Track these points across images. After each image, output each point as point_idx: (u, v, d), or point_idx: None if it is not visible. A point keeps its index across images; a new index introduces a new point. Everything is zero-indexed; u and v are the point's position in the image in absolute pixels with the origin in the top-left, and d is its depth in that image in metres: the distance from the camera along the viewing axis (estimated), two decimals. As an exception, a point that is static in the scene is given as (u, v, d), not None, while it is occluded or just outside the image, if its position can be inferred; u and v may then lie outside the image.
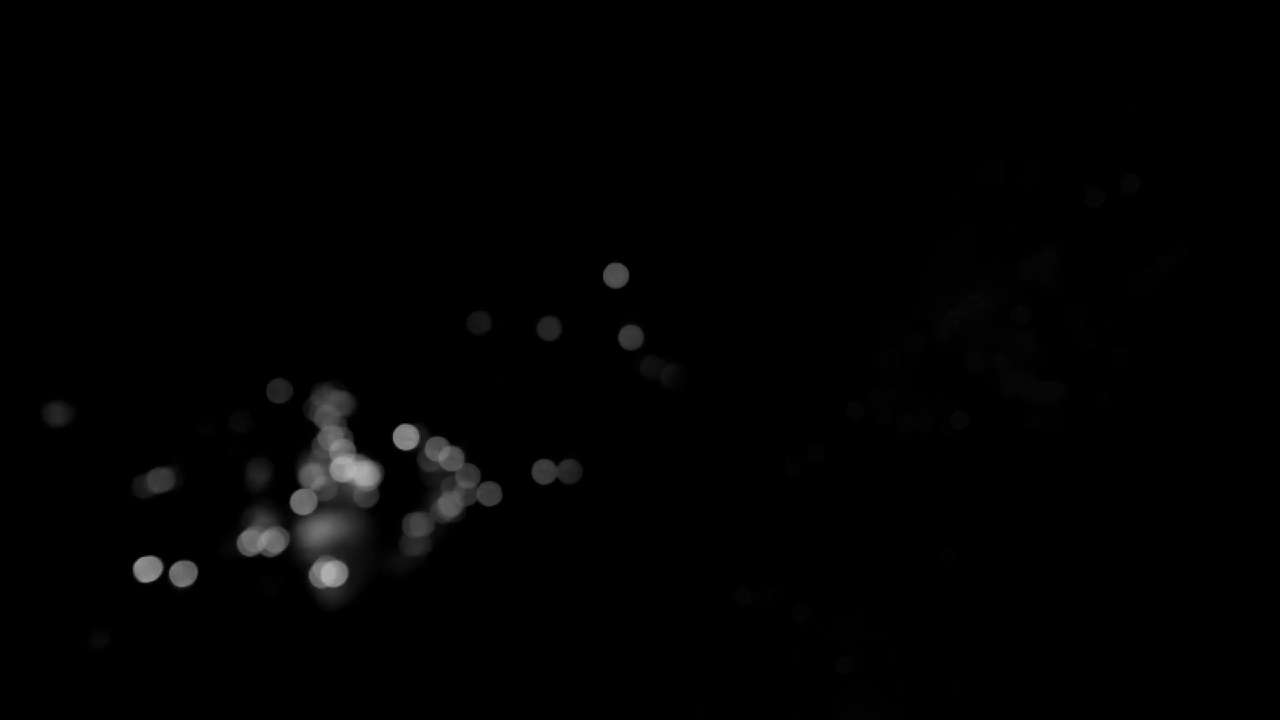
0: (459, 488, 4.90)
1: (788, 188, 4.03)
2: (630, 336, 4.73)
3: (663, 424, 4.61)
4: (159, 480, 4.24)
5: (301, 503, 4.62)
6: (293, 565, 4.52)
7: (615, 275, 4.65)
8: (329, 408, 4.70)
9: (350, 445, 4.74)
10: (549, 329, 4.76)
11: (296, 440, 4.61)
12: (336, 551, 4.56)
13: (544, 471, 4.83)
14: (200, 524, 4.32)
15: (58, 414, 4.06)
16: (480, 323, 4.76)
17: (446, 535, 4.84)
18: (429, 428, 4.85)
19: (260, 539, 4.50)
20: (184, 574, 4.27)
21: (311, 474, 4.66)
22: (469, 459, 4.88)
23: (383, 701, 3.82)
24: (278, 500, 4.55)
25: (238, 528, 4.44)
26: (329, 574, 4.46)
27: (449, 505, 4.88)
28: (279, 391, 4.55)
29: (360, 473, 4.75)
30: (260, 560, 4.49)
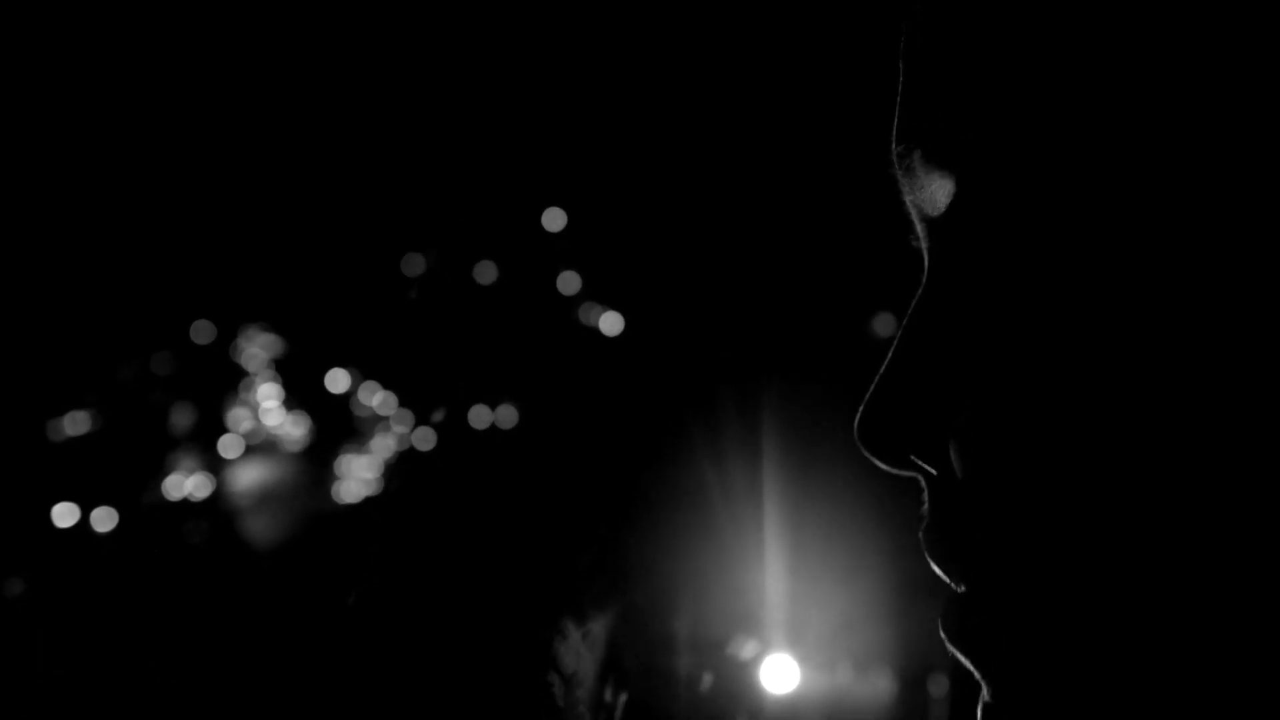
0: (393, 432, 4.83)
1: (732, 136, 3.95)
2: (568, 282, 4.65)
3: (600, 371, 4.55)
4: (75, 424, 4.11)
5: (228, 447, 4.52)
6: (219, 511, 4.43)
7: (553, 219, 4.56)
8: (256, 350, 4.58)
9: (279, 389, 4.63)
10: (485, 273, 4.66)
11: (222, 383, 4.50)
12: (265, 498, 4.48)
13: (480, 417, 4.76)
14: (121, 468, 4.21)
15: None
16: (415, 265, 4.65)
17: (380, 481, 4.77)
18: (361, 372, 4.76)
19: (185, 484, 4.40)
20: (105, 519, 4.16)
21: (239, 418, 4.56)
22: (403, 404, 4.80)
23: (311, 649, 3.77)
24: (203, 445, 4.45)
25: (161, 473, 4.34)
26: (259, 521, 4.38)
27: (382, 450, 4.81)
28: (202, 333, 4.42)
29: (290, 417, 4.66)
30: (185, 505, 4.40)
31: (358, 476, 4.73)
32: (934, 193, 0.40)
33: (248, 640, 3.75)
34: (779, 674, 2.36)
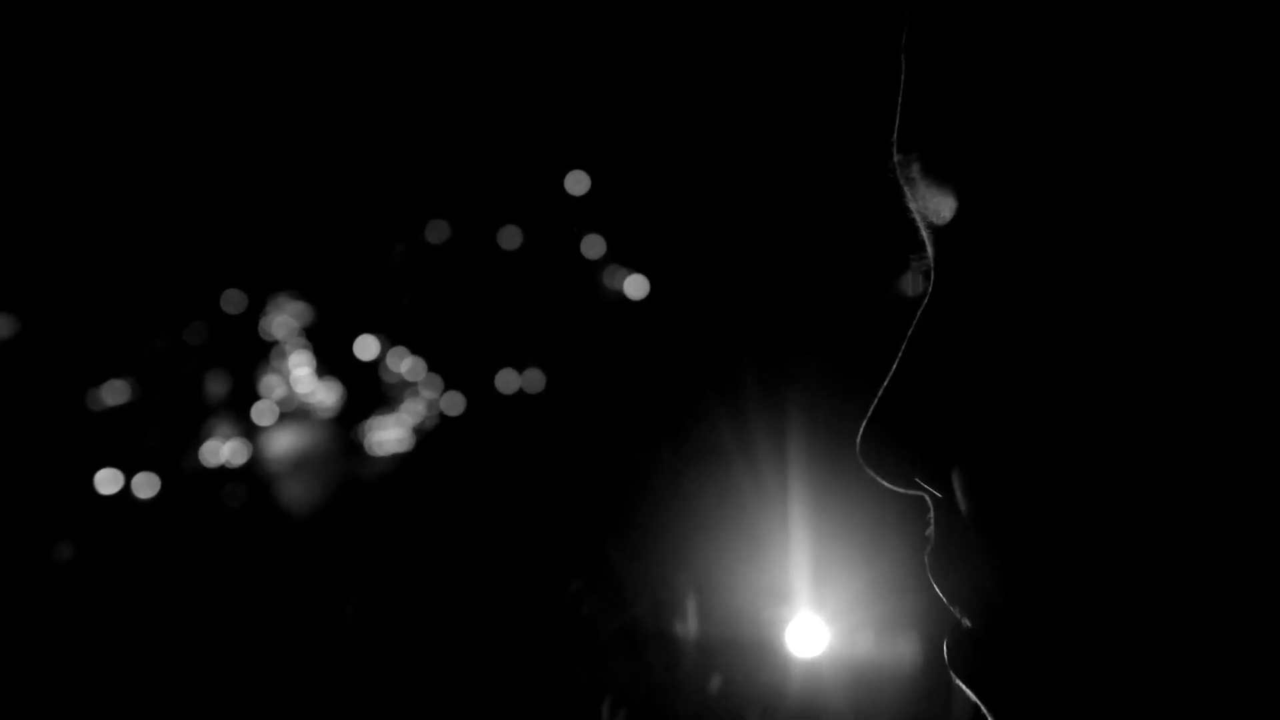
0: (422, 398, 4.89)
1: (762, 98, 3.93)
2: (592, 245, 4.67)
3: (625, 334, 4.58)
4: (113, 393, 4.20)
5: (263, 414, 4.60)
6: (257, 476, 4.52)
7: (577, 183, 4.57)
8: (286, 318, 4.64)
9: (310, 356, 4.70)
10: (510, 238, 4.69)
11: (254, 352, 4.56)
12: (300, 463, 4.57)
13: (507, 381, 4.82)
14: (159, 435, 4.30)
15: (6, 326, 3.99)
16: (439, 231, 4.69)
17: (410, 445, 4.84)
18: (390, 338, 4.81)
19: (222, 450, 4.49)
20: (146, 485, 4.26)
21: (271, 385, 4.63)
22: (431, 369, 4.85)
23: (345, 614, 3.86)
24: (238, 412, 4.53)
25: (198, 440, 4.42)
26: (294, 485, 4.47)
27: (412, 415, 4.88)
28: (234, 302, 4.48)
29: (321, 384, 4.73)
30: (223, 471, 4.49)
31: (388, 440, 4.80)
32: (938, 203, 0.39)
33: (288, 600, 3.85)
34: (806, 637, 2.40)
